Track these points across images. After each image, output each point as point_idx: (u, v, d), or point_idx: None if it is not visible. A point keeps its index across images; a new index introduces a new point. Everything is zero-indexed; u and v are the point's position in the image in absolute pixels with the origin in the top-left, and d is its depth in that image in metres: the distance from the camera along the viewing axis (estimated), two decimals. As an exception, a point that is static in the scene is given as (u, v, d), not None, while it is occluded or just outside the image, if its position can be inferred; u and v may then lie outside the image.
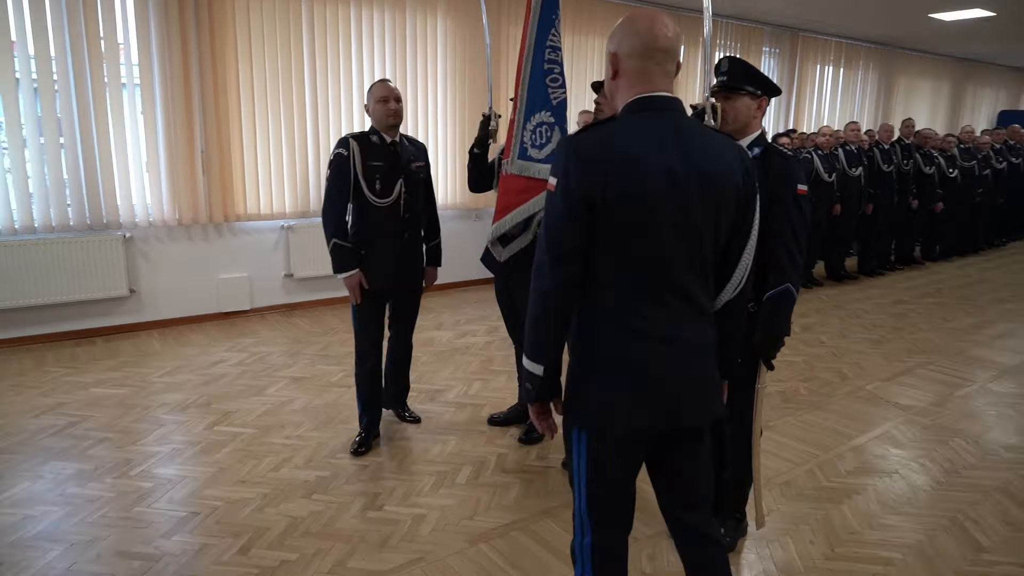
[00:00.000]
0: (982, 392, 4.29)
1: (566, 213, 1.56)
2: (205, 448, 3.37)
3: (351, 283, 3.26)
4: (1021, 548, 2.63)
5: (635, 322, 1.61)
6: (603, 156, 1.54)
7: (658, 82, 1.63)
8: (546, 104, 3.08)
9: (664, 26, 1.62)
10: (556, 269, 1.59)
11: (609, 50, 1.67)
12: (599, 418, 1.66)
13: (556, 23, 3.06)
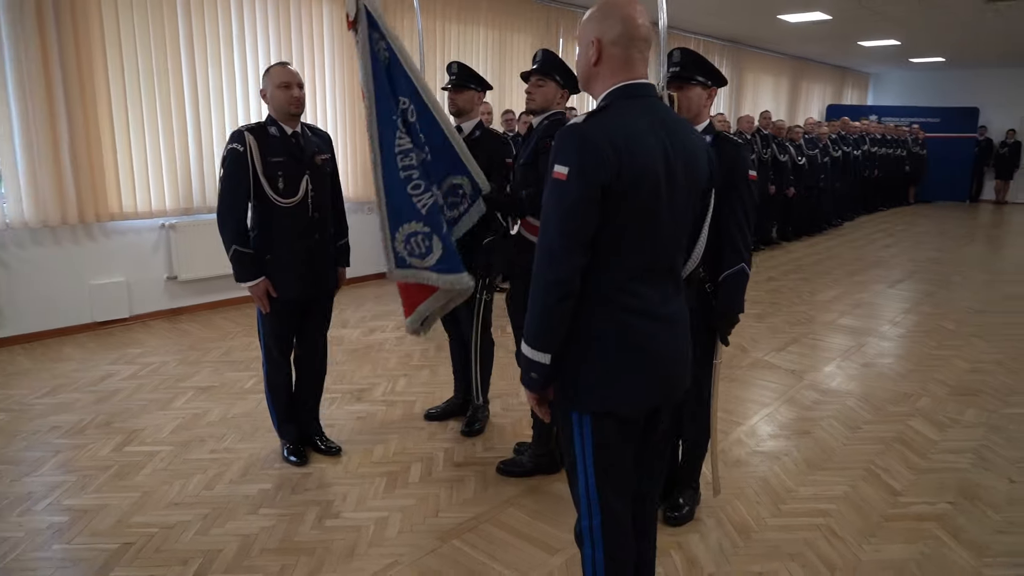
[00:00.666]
0: (858, 354, 4.80)
1: (583, 198, 1.56)
2: (119, 472, 3.04)
3: (257, 292, 2.93)
4: (927, 488, 2.99)
5: (632, 302, 1.66)
6: (612, 142, 1.56)
7: (639, 69, 1.69)
8: (413, 214, 2.80)
9: (642, 14, 1.67)
10: (573, 256, 1.58)
11: (591, 36, 1.67)
12: (605, 402, 1.69)
13: (399, 112, 2.75)
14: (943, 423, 3.67)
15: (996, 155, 14.86)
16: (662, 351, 1.70)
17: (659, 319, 1.69)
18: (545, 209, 1.63)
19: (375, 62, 2.72)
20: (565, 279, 1.59)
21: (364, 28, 2.69)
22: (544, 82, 2.88)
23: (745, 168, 2.41)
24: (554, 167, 1.59)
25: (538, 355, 1.65)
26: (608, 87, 1.68)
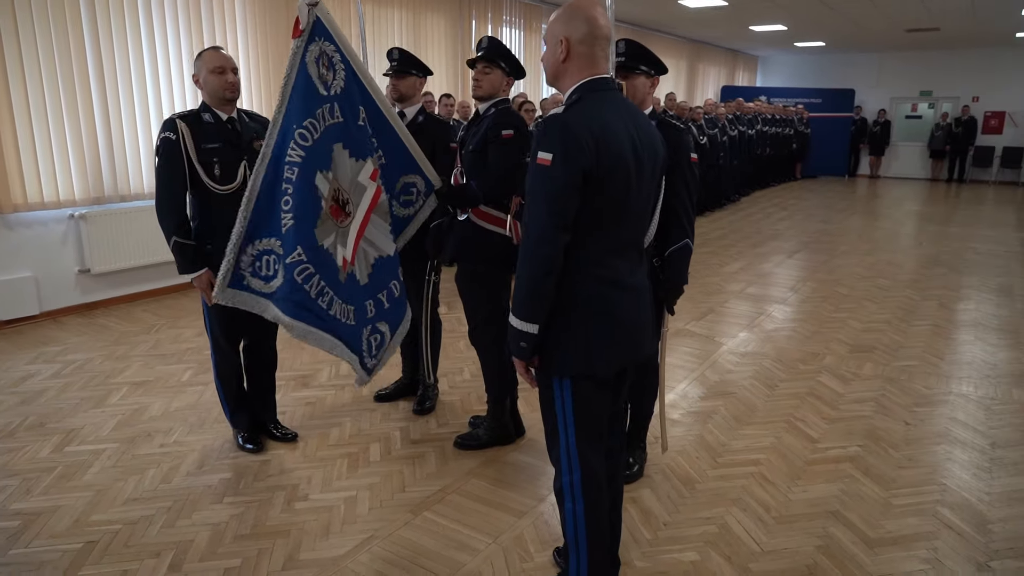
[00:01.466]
0: (768, 320, 5.23)
1: (568, 183, 1.72)
2: (65, 473, 2.95)
3: (201, 284, 2.88)
4: (839, 435, 3.36)
5: (606, 273, 1.86)
6: (591, 131, 1.74)
7: (602, 65, 1.88)
8: (275, 231, 2.65)
9: (603, 16, 1.86)
10: (559, 235, 1.75)
11: (560, 36, 1.84)
12: (584, 365, 1.87)
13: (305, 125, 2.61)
14: (846, 377, 4.10)
15: (870, 133, 16.18)
16: (631, 317, 1.92)
17: (628, 288, 1.90)
18: (531, 192, 1.78)
19: (301, 73, 2.64)
20: (551, 255, 1.76)
21: (304, 39, 2.63)
22: (490, 69, 2.98)
23: (688, 151, 2.62)
24: (538, 154, 1.75)
25: (527, 326, 1.81)
26: (575, 82, 1.84)
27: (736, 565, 2.38)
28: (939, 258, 7.50)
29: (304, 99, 2.63)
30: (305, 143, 2.62)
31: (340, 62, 2.73)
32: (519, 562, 2.39)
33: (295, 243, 2.62)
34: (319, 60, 2.66)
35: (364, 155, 2.87)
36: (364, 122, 2.84)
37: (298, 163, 2.61)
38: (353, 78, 2.78)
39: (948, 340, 4.79)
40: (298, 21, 2.63)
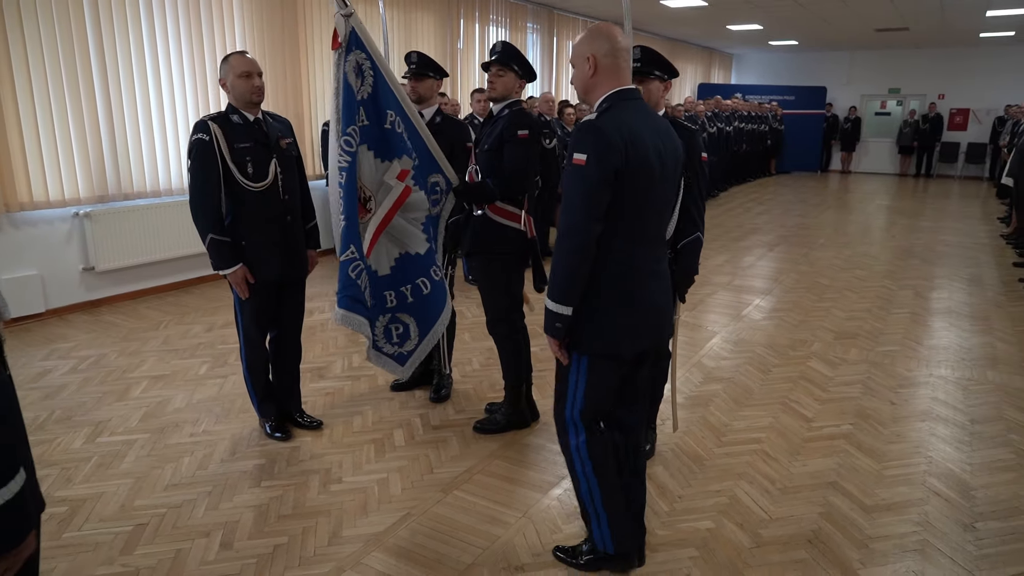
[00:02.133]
0: (756, 310, 5.48)
1: (600, 179, 1.95)
2: (102, 462, 3.06)
3: (236, 279, 3.02)
4: (831, 414, 3.60)
5: (632, 262, 2.09)
6: (621, 136, 1.96)
7: (626, 76, 2.11)
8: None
9: (621, 33, 2.10)
10: (593, 226, 1.98)
11: (586, 53, 2.07)
12: (606, 345, 2.10)
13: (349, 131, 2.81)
14: (834, 362, 4.35)
15: (841, 130, 16.62)
16: (656, 301, 2.15)
17: (651, 276, 2.13)
18: (567, 189, 2.01)
19: (344, 85, 2.82)
20: (586, 243, 1.99)
21: (343, 52, 2.79)
22: (504, 72, 3.14)
23: (699, 150, 2.81)
24: (574, 155, 1.97)
25: (562, 308, 2.04)
26: (605, 93, 2.07)
27: (748, 531, 2.59)
28: (912, 250, 7.84)
29: (347, 107, 2.79)
30: (350, 148, 2.79)
31: (369, 68, 2.88)
32: (549, 533, 2.57)
33: (348, 241, 2.80)
34: (356, 70, 2.82)
35: (390, 156, 3.02)
36: (392, 125, 2.99)
37: (346, 168, 2.79)
38: (381, 82, 2.93)
39: (925, 327, 5.08)
40: (336, 33, 2.77)
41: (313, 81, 6.80)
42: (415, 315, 3.17)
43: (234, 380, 3.95)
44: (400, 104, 2.98)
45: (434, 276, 3.20)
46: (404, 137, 3.01)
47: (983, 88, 15.22)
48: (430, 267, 3.19)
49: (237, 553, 2.46)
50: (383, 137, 3.00)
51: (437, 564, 2.40)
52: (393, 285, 3.12)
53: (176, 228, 5.66)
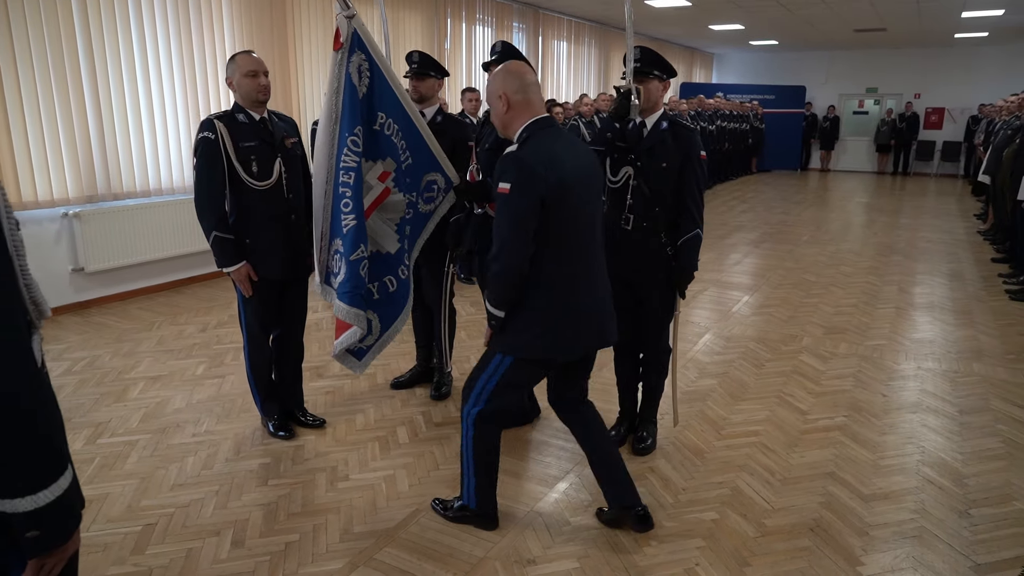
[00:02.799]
0: (745, 306, 5.56)
1: (528, 207, 2.16)
2: (104, 463, 3.05)
3: (239, 276, 3.03)
4: (825, 407, 3.68)
5: (566, 275, 2.27)
6: (544, 163, 2.16)
7: (538, 107, 2.30)
8: (339, 232, 2.90)
9: (528, 70, 2.33)
10: (524, 248, 2.18)
11: (499, 92, 2.26)
12: (535, 351, 2.32)
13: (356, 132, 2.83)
14: (825, 356, 4.44)
15: (820, 128, 16.87)
16: (591, 308, 2.35)
17: (587, 286, 2.32)
18: (497, 216, 2.21)
19: (347, 85, 2.83)
20: (519, 264, 2.20)
21: (345, 52, 2.81)
22: None
23: (698, 149, 2.87)
24: (499, 183, 2.18)
25: (497, 311, 2.30)
26: (523, 124, 2.26)
27: (752, 521, 2.65)
28: (894, 247, 8.00)
29: (351, 108, 2.81)
30: (357, 148, 2.80)
31: (367, 70, 2.90)
32: (558, 526, 2.61)
33: (358, 241, 2.82)
34: (358, 71, 2.83)
35: (375, 157, 3.04)
36: (381, 127, 3.00)
37: (354, 168, 2.81)
38: (379, 82, 2.94)
39: (911, 321, 5.20)
40: (338, 33, 2.78)
41: (302, 80, 6.78)
42: (378, 311, 3.14)
43: (232, 380, 3.94)
44: (401, 105, 2.99)
45: (401, 275, 3.19)
46: (393, 139, 3.02)
47: (958, 88, 15.53)
48: (398, 267, 3.18)
49: (249, 551, 2.46)
50: (370, 138, 3.01)
51: (449, 558, 2.42)
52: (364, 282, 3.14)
53: (167, 228, 5.63)
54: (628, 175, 2.89)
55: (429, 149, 3.19)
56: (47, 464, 1.11)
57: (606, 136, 2.87)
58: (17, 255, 1.10)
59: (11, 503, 1.08)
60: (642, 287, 3.00)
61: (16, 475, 1.07)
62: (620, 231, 2.95)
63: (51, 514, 1.11)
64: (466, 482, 2.54)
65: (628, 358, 3.21)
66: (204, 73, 5.84)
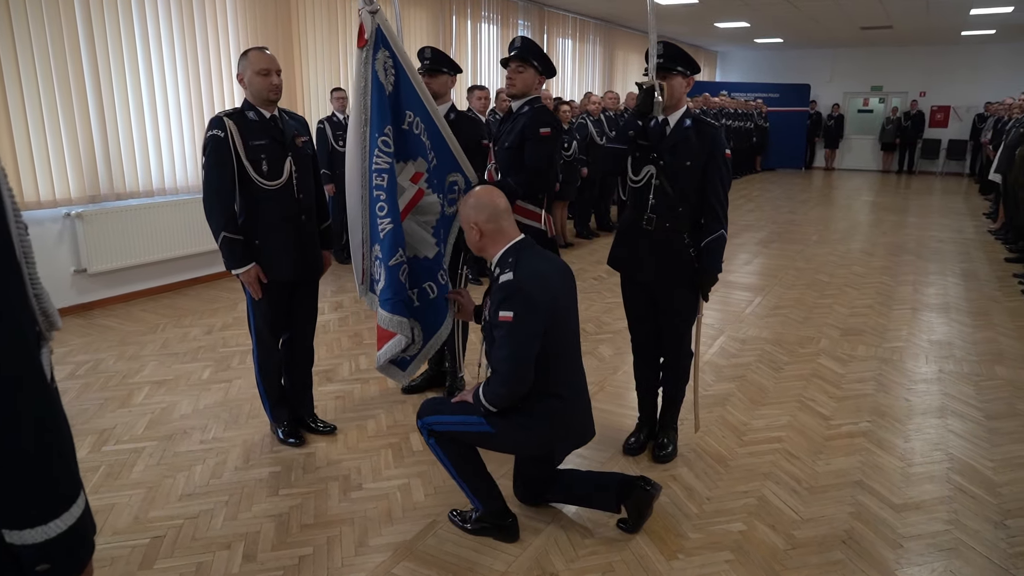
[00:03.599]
0: (759, 307, 5.47)
1: (533, 334, 2.23)
2: (110, 472, 2.95)
3: (248, 278, 2.93)
4: (848, 412, 3.59)
5: (563, 377, 2.36)
6: (539, 288, 2.25)
7: (511, 231, 2.35)
8: (375, 237, 2.87)
9: (500, 196, 2.36)
10: (529, 373, 2.25)
11: (471, 221, 2.32)
12: (518, 448, 2.51)
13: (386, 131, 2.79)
14: (844, 359, 4.35)
15: (824, 127, 16.78)
16: (583, 413, 2.45)
17: (578, 392, 2.42)
18: (502, 343, 2.23)
19: (374, 83, 2.75)
20: (522, 389, 2.27)
21: (370, 49, 2.71)
22: (524, 68, 3.08)
23: (723, 147, 2.77)
24: (499, 312, 2.22)
25: (491, 408, 2.32)
26: (498, 250, 2.33)
27: (781, 533, 2.56)
28: (904, 246, 7.90)
29: (380, 107, 2.72)
30: (388, 149, 2.72)
31: (391, 67, 2.80)
32: (581, 538, 2.52)
33: (396, 245, 2.75)
34: (384, 67, 2.74)
35: (406, 157, 2.95)
36: (410, 126, 2.91)
37: (387, 169, 2.73)
38: (404, 81, 2.85)
39: (928, 322, 5.10)
40: (362, 30, 2.69)
41: (307, 78, 6.68)
42: (420, 319, 3.07)
43: (239, 384, 3.85)
44: (422, 103, 2.90)
45: (440, 280, 3.11)
46: (422, 138, 2.93)
47: (964, 86, 15.43)
48: (437, 271, 3.10)
49: (261, 565, 2.37)
50: (399, 138, 2.92)
51: (470, 573, 2.34)
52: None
53: (170, 228, 5.54)
54: (650, 174, 2.80)
55: (450, 149, 3.10)
56: (58, 491, 1.02)
57: (628, 134, 2.78)
58: (27, 262, 1.00)
59: (19, 534, 0.98)
60: (662, 290, 2.91)
61: (25, 503, 0.98)
62: (641, 232, 2.86)
63: (63, 545, 1.01)
64: (461, 487, 2.50)
65: (648, 363, 3.12)
66: (208, 71, 5.75)
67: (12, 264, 0.96)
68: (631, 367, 3.30)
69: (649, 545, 2.48)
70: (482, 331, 2.53)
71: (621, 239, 2.99)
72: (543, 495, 2.67)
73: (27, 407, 0.96)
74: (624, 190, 3.03)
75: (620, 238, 3.00)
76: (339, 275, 6.22)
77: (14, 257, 0.96)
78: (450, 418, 2.40)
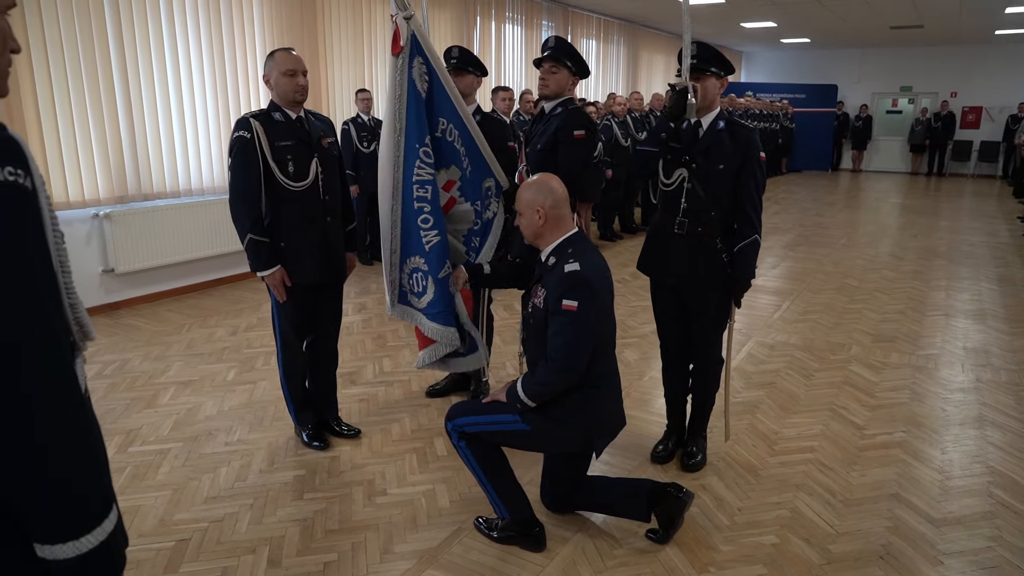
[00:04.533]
0: (788, 312, 5.37)
1: (596, 323, 2.24)
2: (136, 473, 2.96)
3: (273, 281, 2.91)
4: (882, 421, 3.50)
5: (607, 369, 2.39)
6: (599, 279, 2.27)
7: (569, 221, 2.37)
8: (419, 249, 2.81)
9: (560, 184, 2.36)
10: (585, 363, 2.24)
11: (535, 206, 2.31)
12: (581, 446, 2.43)
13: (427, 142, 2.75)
14: (876, 366, 4.24)
15: (852, 128, 16.51)
16: (619, 406, 2.46)
17: (609, 388, 2.39)
18: (562, 331, 2.21)
19: (411, 92, 2.71)
20: (575, 378, 2.26)
21: (406, 56, 2.67)
22: (557, 68, 3.04)
23: (757, 150, 2.70)
24: (563, 301, 2.20)
25: (530, 403, 2.30)
26: (556, 239, 2.34)
27: (816, 547, 2.49)
28: (936, 250, 7.73)
29: (419, 116, 2.68)
30: (430, 160, 2.68)
31: (425, 73, 2.76)
32: (610, 549, 2.46)
33: (444, 257, 2.73)
34: (421, 75, 2.70)
35: (438, 165, 2.92)
36: (443, 132, 2.87)
37: (430, 181, 2.69)
38: (438, 86, 2.80)
39: (963, 329, 4.97)
40: (397, 36, 2.64)
41: (331, 80, 6.69)
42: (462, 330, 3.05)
43: (264, 386, 3.85)
44: (455, 108, 2.86)
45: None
46: (455, 145, 2.89)
47: (996, 86, 15.11)
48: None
49: (286, 571, 2.35)
50: (435, 145, 2.89)
51: (496, 582, 2.29)
52: None
53: (196, 229, 5.57)
54: (682, 177, 2.74)
55: (482, 154, 3.05)
56: (91, 504, 0.99)
57: (660, 136, 2.72)
58: (63, 271, 0.98)
59: (51, 549, 0.96)
60: (692, 295, 2.85)
61: (57, 517, 0.96)
62: (672, 236, 2.80)
63: (94, 560, 0.99)
64: (487, 493, 2.47)
65: (677, 369, 3.06)
66: (234, 73, 5.77)
67: (49, 273, 0.95)
68: (657, 372, 3.25)
69: (679, 557, 2.42)
70: (525, 320, 2.49)
71: (652, 243, 2.93)
72: (571, 501, 2.62)
73: (60, 419, 0.94)
74: (655, 193, 2.97)
75: (651, 242, 2.94)
76: (363, 277, 6.22)
77: (51, 266, 0.95)
78: (482, 418, 2.36)
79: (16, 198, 0.89)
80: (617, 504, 2.54)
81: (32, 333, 0.91)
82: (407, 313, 2.93)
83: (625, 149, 7.85)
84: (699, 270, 2.79)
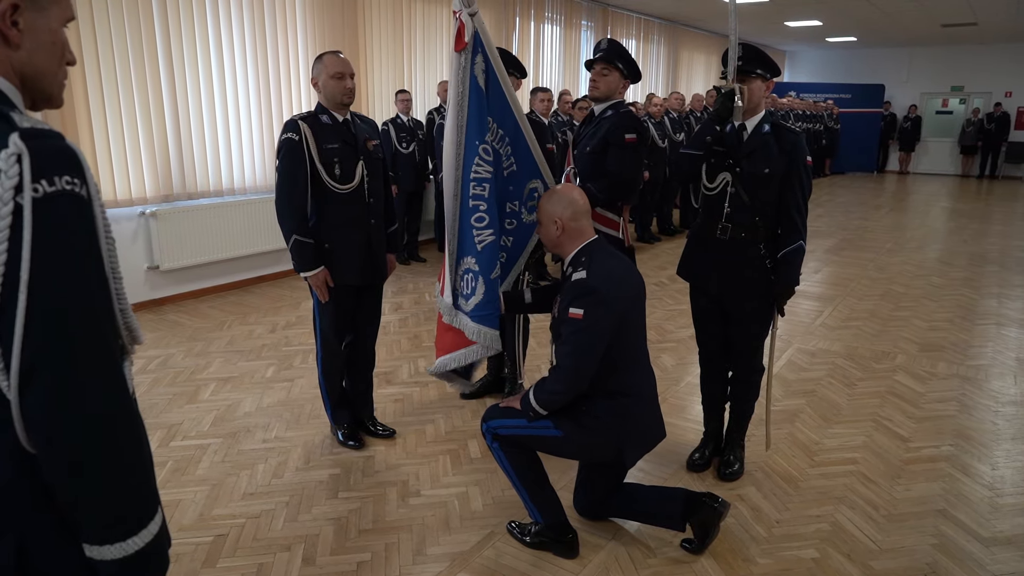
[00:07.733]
0: (830, 318, 5.24)
1: (600, 333, 2.20)
2: (177, 467, 3.02)
3: (316, 282, 2.95)
4: (928, 434, 3.39)
5: (636, 378, 2.35)
6: (615, 290, 2.23)
7: (588, 231, 2.35)
8: (471, 249, 2.75)
9: (581, 195, 2.36)
10: (590, 373, 2.23)
11: (553, 216, 2.31)
12: (616, 456, 2.38)
13: (486, 139, 2.71)
14: (923, 376, 4.11)
15: (900, 129, 16.08)
16: (653, 415, 2.42)
17: (638, 396, 2.35)
18: (568, 339, 2.21)
19: (473, 88, 2.70)
20: (581, 387, 2.24)
21: (469, 53, 2.66)
22: (608, 71, 3.00)
23: (803, 154, 2.64)
24: (569, 309, 2.20)
25: (541, 411, 2.29)
26: (574, 248, 2.33)
27: (857, 563, 2.42)
28: (987, 256, 7.47)
29: (479, 114, 2.68)
30: (488, 158, 2.68)
31: (484, 71, 2.75)
32: (643, 557, 2.43)
33: (495, 258, 2.71)
34: (481, 72, 2.70)
35: None
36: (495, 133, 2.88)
37: (488, 179, 2.69)
38: (494, 85, 2.79)
39: (1016, 339, 4.79)
40: (461, 32, 2.63)
41: (371, 81, 6.75)
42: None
43: (301, 384, 3.90)
44: (510, 108, 2.83)
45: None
46: (495, 147, 2.88)
47: (1054, 85, 14.54)
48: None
49: (321, 569, 2.38)
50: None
51: (528, 588, 2.28)
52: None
53: (238, 227, 5.68)
54: (726, 181, 2.68)
55: (533, 156, 3.03)
56: (138, 506, 1.01)
57: (704, 139, 2.67)
58: (114, 276, 1.00)
59: (99, 550, 0.98)
60: (734, 301, 2.80)
61: (106, 518, 0.98)
62: (714, 241, 2.75)
63: (139, 562, 1.01)
64: (521, 496, 2.46)
65: (716, 376, 3.01)
66: (277, 74, 5.87)
67: (102, 278, 0.97)
68: (694, 378, 3.20)
69: (715, 568, 2.38)
70: (551, 328, 2.48)
71: (693, 248, 2.89)
72: (605, 508, 2.59)
73: (109, 421, 0.96)
74: (697, 197, 2.92)
75: (692, 247, 2.90)
76: (399, 276, 6.27)
77: (103, 272, 0.97)
78: (516, 421, 2.36)
79: (73, 206, 0.92)
80: (651, 512, 2.51)
81: (84, 338, 0.93)
82: (454, 315, 2.88)
83: (662, 150, 7.77)
84: (742, 276, 2.74)
